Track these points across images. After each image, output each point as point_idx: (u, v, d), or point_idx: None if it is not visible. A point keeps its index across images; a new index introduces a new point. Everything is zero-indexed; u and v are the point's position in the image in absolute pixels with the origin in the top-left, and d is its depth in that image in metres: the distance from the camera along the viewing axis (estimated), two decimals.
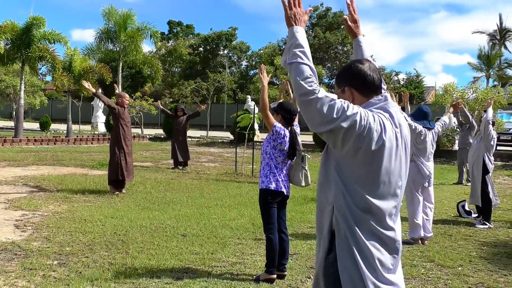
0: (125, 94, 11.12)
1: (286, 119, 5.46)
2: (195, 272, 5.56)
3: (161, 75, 38.70)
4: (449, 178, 15.15)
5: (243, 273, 5.60)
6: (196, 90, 33.81)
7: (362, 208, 2.42)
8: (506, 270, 6.05)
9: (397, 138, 2.51)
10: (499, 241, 7.52)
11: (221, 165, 17.24)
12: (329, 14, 52.50)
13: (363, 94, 2.59)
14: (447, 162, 19.83)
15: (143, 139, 28.42)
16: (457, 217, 9.31)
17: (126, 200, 9.94)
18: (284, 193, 5.37)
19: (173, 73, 60.31)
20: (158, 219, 8.14)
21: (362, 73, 2.59)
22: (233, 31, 58.44)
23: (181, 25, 69.86)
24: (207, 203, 9.83)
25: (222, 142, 27.76)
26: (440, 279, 5.64)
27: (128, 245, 6.57)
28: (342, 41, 49.73)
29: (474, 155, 8.84)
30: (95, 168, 14.85)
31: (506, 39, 52.55)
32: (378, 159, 2.43)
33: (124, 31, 31.84)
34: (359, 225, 2.42)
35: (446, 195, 11.79)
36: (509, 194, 12.38)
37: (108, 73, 26.74)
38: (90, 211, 8.69)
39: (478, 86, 23.29)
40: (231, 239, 7.06)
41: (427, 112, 7.48)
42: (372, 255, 2.41)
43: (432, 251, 6.79)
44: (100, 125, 33.87)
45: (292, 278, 5.52)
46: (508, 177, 16.13)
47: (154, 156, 19.57)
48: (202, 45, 58.44)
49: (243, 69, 60.23)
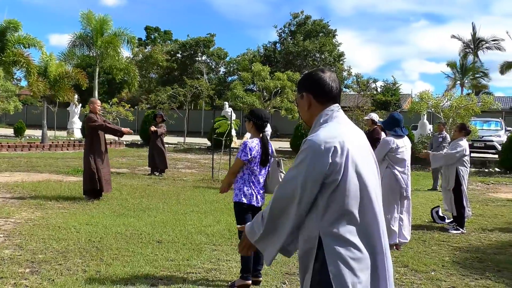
0: (96, 100, 11.01)
1: (258, 126, 5.48)
2: (170, 279, 5.53)
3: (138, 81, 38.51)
4: (423, 185, 15.33)
5: (218, 279, 5.59)
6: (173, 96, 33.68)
7: (348, 213, 2.45)
8: (478, 274, 6.14)
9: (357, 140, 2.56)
10: (471, 246, 7.64)
11: (198, 172, 17.19)
12: (309, 22, 52.85)
13: (320, 101, 2.65)
14: (422, 169, 20.05)
15: (119, 145, 28.20)
16: (431, 223, 9.42)
17: (101, 206, 9.84)
18: (258, 206, 5.41)
19: (150, 79, 60.08)
20: (133, 226, 8.08)
21: (322, 81, 2.65)
22: (211, 38, 58.49)
23: (158, 31, 69.73)
24: (183, 210, 9.79)
25: (199, 148, 27.69)
26: (414, 284, 5.70)
27: (102, 252, 6.51)
28: (320, 48, 50.12)
29: (449, 166, 8.93)
30: (70, 175, 14.69)
31: (479, 48, 53.49)
32: (348, 172, 2.45)
33: (100, 36, 31.61)
34: (343, 242, 2.44)
35: (421, 201, 11.92)
36: (482, 200, 12.57)
37: (84, 79, 26.48)
38: (64, 218, 8.59)
39: (453, 94, 23.64)
40: (206, 245, 7.04)
41: (399, 119, 7.48)
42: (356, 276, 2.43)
43: (406, 256, 6.86)
44: (76, 131, 33.53)
45: (267, 283, 5.53)
46: (481, 184, 16.38)
47: (130, 163, 19.44)
48: (180, 51, 58.34)
49: (221, 75, 60.29)
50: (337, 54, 52.43)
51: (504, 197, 13.43)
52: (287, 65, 48.54)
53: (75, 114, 34.27)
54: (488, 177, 18.27)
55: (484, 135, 23.23)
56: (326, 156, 2.42)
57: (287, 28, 53.93)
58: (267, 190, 5.51)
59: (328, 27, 53.47)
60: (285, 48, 51.62)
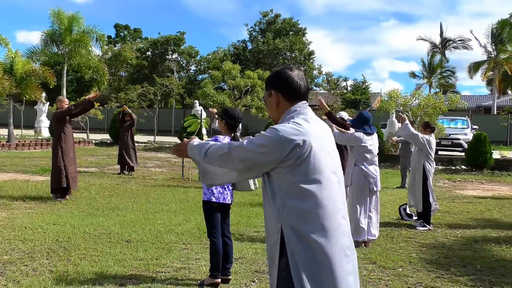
0: (64, 98, 10.89)
1: (230, 126, 5.47)
2: (139, 278, 5.49)
3: (107, 79, 38.09)
4: (392, 182, 15.54)
5: (188, 278, 5.58)
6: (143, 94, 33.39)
7: (305, 218, 2.46)
8: (443, 269, 6.26)
9: (321, 137, 2.59)
10: (437, 242, 7.78)
11: (168, 170, 17.11)
12: (278, 20, 52.97)
13: (288, 99, 2.67)
14: (391, 167, 20.32)
15: (88, 144, 27.86)
16: (399, 220, 9.56)
17: (69, 206, 9.72)
18: (227, 204, 5.43)
19: (120, 77, 59.44)
20: (102, 225, 8.00)
21: (290, 79, 2.68)
22: (181, 36, 58.13)
23: (128, 28, 69.09)
24: (153, 209, 9.73)
25: (170, 147, 27.49)
26: (381, 280, 5.78)
27: (70, 252, 6.43)
28: (290, 47, 50.27)
29: (415, 163, 9.10)
30: (37, 174, 14.45)
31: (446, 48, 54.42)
32: (308, 167, 2.48)
33: (69, 34, 31.15)
34: (305, 235, 2.45)
35: (390, 199, 12.08)
36: (448, 197, 12.81)
37: (51, 77, 26.04)
38: (31, 218, 8.46)
39: (421, 93, 24.00)
40: (176, 244, 7.01)
41: (367, 118, 7.58)
42: (325, 258, 2.46)
43: (374, 253, 6.95)
44: (44, 130, 32.99)
45: (237, 282, 5.54)
46: (448, 181, 16.67)
47: (99, 162, 19.23)
48: (150, 49, 57.87)
49: (192, 74, 59.99)
50: (307, 52, 52.70)
51: (470, 194, 13.70)
52: (258, 63, 48.57)
53: (43, 112, 33.72)
54: (454, 174, 18.61)
55: (451, 134, 23.64)
56: (287, 148, 2.46)
57: (258, 27, 53.99)
58: (235, 188, 5.53)
59: (298, 26, 53.69)
60: (256, 46, 51.66)
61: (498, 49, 45.04)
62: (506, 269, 6.39)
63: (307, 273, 2.43)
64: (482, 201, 12.25)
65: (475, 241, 7.91)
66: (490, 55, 46.85)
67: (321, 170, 2.52)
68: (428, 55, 54.53)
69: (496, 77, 45.45)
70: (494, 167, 19.41)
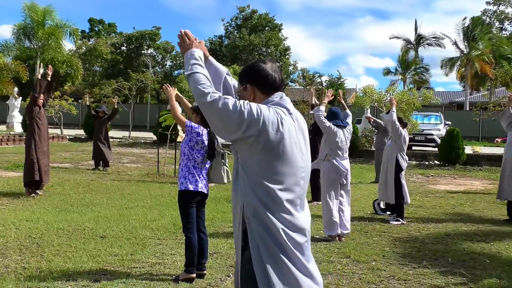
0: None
1: (205, 120, 5.48)
2: (114, 274, 5.47)
3: (81, 74, 37.66)
4: (366, 177, 15.69)
5: (163, 273, 5.57)
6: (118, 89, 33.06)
7: (269, 201, 2.50)
8: (416, 263, 6.37)
9: (296, 130, 2.64)
10: (410, 236, 7.89)
11: (143, 166, 17.01)
12: (255, 16, 52.93)
13: (264, 92, 2.70)
14: (366, 162, 20.51)
15: (62, 139, 27.50)
16: (373, 215, 9.66)
17: (42, 202, 9.61)
18: (203, 193, 5.41)
19: (94, 72, 58.75)
20: (76, 221, 7.94)
21: (264, 72, 2.71)
22: (156, 31, 57.69)
23: (103, 23, 68.26)
24: (127, 204, 9.68)
25: (145, 142, 27.33)
26: (355, 274, 5.85)
27: (43, 248, 6.37)
28: (266, 43, 50.30)
29: (388, 155, 9.22)
30: (10, 170, 14.24)
31: (420, 44, 54.99)
32: (279, 150, 2.53)
33: (42, 27, 30.70)
34: (267, 218, 2.50)
35: (364, 193, 12.21)
36: (422, 192, 12.99)
37: (24, 71, 25.68)
38: (3, 214, 8.35)
39: (395, 89, 24.22)
40: (151, 239, 7.00)
41: (337, 112, 7.79)
42: (286, 243, 2.51)
43: (348, 247, 7.03)
44: (16, 125, 32.41)
45: (212, 277, 5.55)
46: (421, 176, 16.90)
47: (74, 157, 19.02)
48: (125, 44, 57.31)
49: (167, 69, 59.60)
50: (283, 48, 52.79)
51: (442, 189, 13.92)
52: (234, 59, 48.48)
53: (15, 107, 33.11)
54: (428, 169, 18.85)
55: (425, 129, 23.91)
56: (261, 127, 2.50)
57: (234, 22, 53.89)
58: (210, 180, 5.54)
59: (274, 22, 53.74)
60: (232, 42, 51.56)
61: (471, 46, 45.68)
62: (476, 261, 6.52)
63: (263, 245, 2.50)
64: (454, 196, 12.46)
65: (447, 235, 8.05)
66: (462, 52, 47.50)
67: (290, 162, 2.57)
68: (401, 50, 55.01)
69: (469, 73, 46.08)
70: (466, 162, 19.73)
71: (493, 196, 11.78)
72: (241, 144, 2.55)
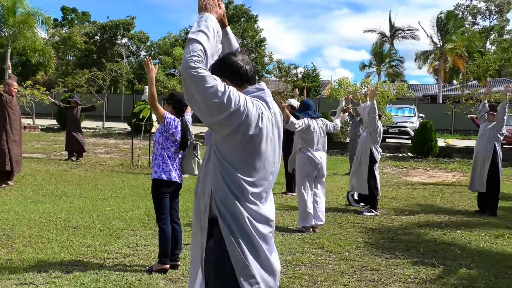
0: (13, 81, 10.53)
1: (177, 110, 5.46)
2: (86, 265, 5.42)
3: (54, 63, 37.06)
4: (341, 169, 15.80)
5: (136, 264, 5.54)
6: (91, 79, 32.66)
7: (237, 190, 2.51)
8: (388, 253, 6.44)
9: (273, 125, 2.63)
10: (383, 227, 7.98)
11: (117, 157, 16.85)
12: (230, 7, 52.77)
13: (237, 85, 2.64)
14: (340, 154, 20.64)
15: (34, 129, 27.06)
16: (347, 206, 9.74)
17: (13, 192, 9.46)
18: (177, 182, 5.38)
19: (67, 61, 57.95)
20: (48, 212, 7.83)
21: (235, 65, 2.68)
22: (131, 20, 57.14)
23: (75, 11, 67.20)
24: (101, 195, 9.59)
25: (119, 133, 27.10)
26: (329, 264, 5.89)
27: (14, 239, 6.28)
28: (242, 34, 50.18)
29: (362, 147, 9.29)
30: None
31: (395, 37, 55.46)
32: (254, 145, 2.53)
33: (13, 15, 30.06)
34: (235, 205, 2.50)
35: (338, 185, 12.30)
36: (395, 184, 13.14)
37: None
38: None
39: (370, 81, 24.40)
40: (124, 230, 6.94)
41: (309, 104, 7.92)
42: (251, 232, 2.52)
43: (322, 238, 7.07)
44: None
45: (186, 268, 5.52)
46: (395, 168, 17.09)
47: (46, 147, 18.74)
48: (99, 34, 56.60)
49: (142, 59, 59.07)
50: (259, 39, 52.80)
51: (415, 180, 14.10)
52: None
53: None
54: (401, 161, 19.07)
55: (399, 121, 24.18)
56: (253, 110, 2.50)
57: None
58: (182, 171, 5.52)
59: (249, 13, 53.67)
60: None
61: (444, 39, 46.21)
62: (447, 252, 6.63)
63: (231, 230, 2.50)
64: (427, 188, 12.64)
65: (419, 226, 8.16)
66: (436, 46, 48.04)
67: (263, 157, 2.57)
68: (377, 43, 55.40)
69: (442, 67, 46.66)
70: (439, 155, 20.02)
71: (464, 187, 11.98)
72: (217, 129, 2.51)
